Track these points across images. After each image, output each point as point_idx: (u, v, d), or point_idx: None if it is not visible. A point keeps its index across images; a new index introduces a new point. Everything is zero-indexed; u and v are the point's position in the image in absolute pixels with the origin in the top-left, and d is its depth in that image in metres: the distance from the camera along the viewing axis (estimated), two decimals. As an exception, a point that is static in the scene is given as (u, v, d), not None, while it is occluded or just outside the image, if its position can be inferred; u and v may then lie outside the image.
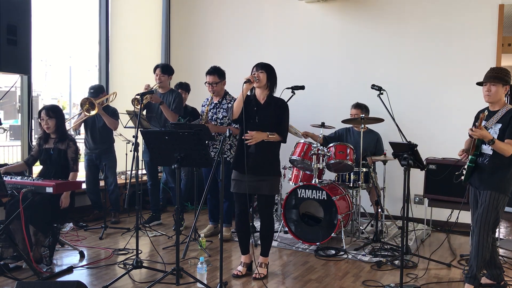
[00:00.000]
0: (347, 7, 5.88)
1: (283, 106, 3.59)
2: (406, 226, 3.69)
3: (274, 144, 3.56)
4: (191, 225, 4.59)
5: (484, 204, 3.20)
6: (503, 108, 3.24)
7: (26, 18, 3.72)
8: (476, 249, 3.21)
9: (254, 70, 3.56)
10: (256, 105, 3.55)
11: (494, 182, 3.19)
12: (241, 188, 3.54)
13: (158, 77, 4.96)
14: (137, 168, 3.88)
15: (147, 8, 6.75)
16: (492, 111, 3.29)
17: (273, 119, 3.51)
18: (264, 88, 3.57)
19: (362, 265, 3.99)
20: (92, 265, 3.85)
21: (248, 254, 3.70)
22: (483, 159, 3.26)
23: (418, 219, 5.26)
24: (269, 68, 3.58)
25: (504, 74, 3.22)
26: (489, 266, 3.41)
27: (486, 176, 3.23)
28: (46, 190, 3.45)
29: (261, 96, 3.59)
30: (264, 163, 3.51)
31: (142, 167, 5.28)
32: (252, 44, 6.42)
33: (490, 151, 3.21)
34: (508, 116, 3.17)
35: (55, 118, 3.94)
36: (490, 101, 3.28)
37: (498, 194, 3.18)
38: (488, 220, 3.17)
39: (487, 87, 3.24)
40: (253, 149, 3.49)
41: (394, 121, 3.94)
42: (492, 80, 3.21)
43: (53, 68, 13.18)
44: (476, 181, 3.30)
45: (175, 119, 4.88)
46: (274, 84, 3.62)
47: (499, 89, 3.21)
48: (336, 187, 4.67)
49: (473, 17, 5.21)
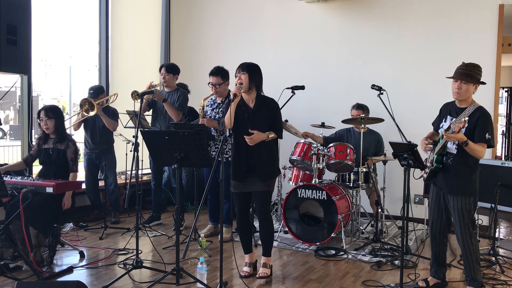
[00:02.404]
0: (347, 7, 5.88)
1: (274, 106, 3.53)
2: (406, 226, 3.69)
3: (272, 144, 3.53)
4: (191, 225, 4.59)
5: (457, 210, 3.18)
6: (470, 106, 3.18)
7: (26, 18, 3.73)
8: (465, 253, 3.23)
9: (236, 72, 3.47)
10: (247, 111, 3.47)
11: (462, 187, 3.17)
12: (240, 187, 3.53)
13: (163, 76, 4.96)
14: (137, 168, 3.88)
15: (147, 8, 6.75)
16: (460, 107, 3.25)
17: (266, 121, 3.46)
18: (250, 90, 3.47)
19: (362, 265, 3.99)
20: (92, 265, 3.86)
21: (251, 253, 3.69)
22: (447, 158, 3.23)
23: (418, 219, 5.26)
24: (251, 67, 3.46)
25: (476, 72, 3.16)
26: (438, 264, 3.46)
27: (451, 178, 3.20)
28: (46, 190, 3.45)
29: (249, 100, 3.51)
30: (263, 166, 3.47)
31: (142, 167, 5.28)
32: (252, 44, 6.42)
33: (454, 150, 3.18)
34: (475, 116, 3.12)
35: (54, 118, 3.94)
36: (458, 99, 3.23)
37: (468, 198, 3.17)
38: (467, 223, 3.18)
39: (458, 84, 3.17)
40: (251, 152, 3.45)
41: (394, 121, 3.94)
42: (464, 78, 3.14)
43: (53, 68, 13.16)
44: (442, 183, 3.27)
45: (179, 118, 4.86)
46: (259, 83, 3.52)
47: (470, 87, 3.15)
48: (336, 187, 4.67)
49: (473, 17, 5.21)
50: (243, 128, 3.43)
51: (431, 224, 3.45)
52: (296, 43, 6.16)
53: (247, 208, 3.62)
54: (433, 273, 3.50)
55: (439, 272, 3.47)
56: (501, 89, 9.29)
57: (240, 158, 3.49)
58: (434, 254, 3.46)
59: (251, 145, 3.39)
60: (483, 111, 3.16)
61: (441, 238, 3.42)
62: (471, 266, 3.24)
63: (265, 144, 3.45)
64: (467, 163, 3.16)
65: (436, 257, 3.45)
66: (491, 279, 3.64)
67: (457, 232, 3.24)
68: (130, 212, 5.64)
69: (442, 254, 3.45)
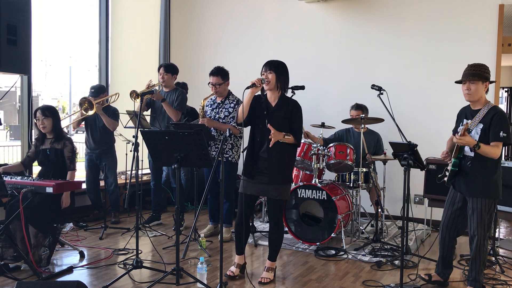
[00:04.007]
0: (347, 7, 5.88)
1: (296, 107, 3.43)
2: (406, 226, 3.69)
3: (286, 148, 3.40)
4: (191, 225, 4.59)
5: (476, 211, 3.15)
6: (484, 107, 3.15)
7: (26, 18, 3.72)
8: (477, 254, 3.21)
9: (263, 70, 3.41)
10: (267, 108, 3.41)
11: (483, 189, 3.15)
12: (248, 189, 3.45)
13: (162, 76, 4.96)
14: (137, 168, 3.88)
15: (147, 8, 6.75)
16: (474, 110, 3.21)
17: (285, 122, 3.37)
18: (274, 90, 3.40)
19: (362, 265, 3.99)
20: (92, 265, 3.85)
21: (242, 255, 3.63)
22: (465, 161, 3.21)
23: (418, 219, 5.26)
24: (279, 67, 3.39)
25: (483, 70, 3.13)
26: (444, 266, 3.47)
27: (471, 181, 3.18)
28: (46, 190, 3.45)
29: (272, 98, 3.44)
30: (275, 169, 3.39)
31: (142, 167, 5.28)
32: (252, 44, 6.42)
33: (471, 153, 3.15)
34: (489, 115, 3.10)
35: (51, 117, 3.94)
36: (470, 100, 3.20)
37: (489, 200, 3.15)
38: (484, 225, 3.16)
39: (466, 85, 3.14)
40: (265, 154, 3.39)
41: (394, 121, 3.94)
42: (471, 78, 3.11)
43: (53, 68, 13.19)
44: (462, 185, 3.25)
45: (178, 117, 4.86)
46: (285, 84, 3.44)
47: (479, 86, 3.12)
48: (336, 187, 4.67)
49: (473, 17, 5.21)
50: (260, 126, 3.37)
51: (442, 226, 3.43)
52: (296, 43, 6.16)
53: (249, 212, 3.53)
54: (438, 271, 3.50)
55: (444, 272, 3.48)
56: (501, 89, 9.30)
57: (253, 155, 3.41)
58: (442, 255, 3.46)
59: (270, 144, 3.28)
60: (497, 109, 3.13)
61: (450, 241, 3.41)
62: (478, 268, 3.22)
63: (280, 146, 3.35)
64: (486, 165, 3.13)
65: (443, 258, 3.45)
66: (491, 279, 3.63)
67: (472, 233, 3.21)
68: (130, 212, 5.64)
69: (449, 257, 3.45)
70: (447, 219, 3.40)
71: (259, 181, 3.42)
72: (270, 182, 3.40)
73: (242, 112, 3.30)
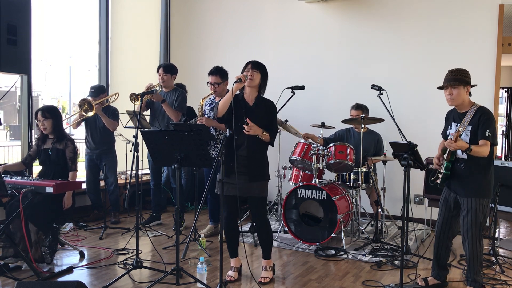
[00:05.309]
0: (347, 7, 5.88)
1: (273, 108, 3.49)
2: (406, 226, 3.69)
3: (264, 146, 3.47)
4: (191, 225, 4.59)
5: (471, 211, 3.18)
6: (471, 109, 3.20)
7: (26, 18, 3.72)
8: (472, 255, 3.22)
9: (248, 67, 3.41)
10: (245, 107, 3.42)
11: (477, 189, 3.18)
12: (230, 190, 3.40)
13: (161, 77, 4.96)
14: (137, 168, 3.88)
15: (147, 8, 6.75)
16: (461, 112, 3.26)
17: (263, 121, 3.39)
18: (255, 89, 3.45)
19: (362, 265, 3.99)
20: (92, 265, 3.85)
21: (237, 257, 3.63)
22: (459, 164, 3.24)
23: (418, 219, 5.26)
24: (263, 68, 3.45)
25: (463, 75, 3.19)
26: (439, 267, 3.47)
27: (465, 182, 3.21)
28: (46, 190, 3.45)
29: (250, 97, 3.45)
30: (255, 166, 3.41)
31: (142, 167, 5.28)
32: (252, 44, 6.42)
33: (464, 156, 3.19)
34: (476, 116, 3.15)
35: (51, 118, 3.94)
36: (453, 104, 3.26)
37: (482, 200, 3.19)
38: (478, 225, 3.19)
39: (448, 90, 3.20)
40: (244, 152, 3.39)
41: (394, 121, 3.94)
42: (453, 83, 3.17)
43: (53, 68, 13.18)
44: (457, 186, 3.27)
45: (178, 118, 4.86)
46: (264, 85, 3.49)
47: (461, 91, 3.17)
48: (336, 187, 4.67)
49: (473, 17, 5.21)
50: (239, 124, 3.35)
51: (437, 226, 3.44)
52: (296, 43, 6.16)
53: (235, 212, 3.51)
54: (434, 274, 3.50)
55: (440, 274, 3.48)
56: (501, 89, 9.30)
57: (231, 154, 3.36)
58: (436, 257, 3.46)
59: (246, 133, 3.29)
60: (483, 110, 3.18)
61: (445, 242, 3.42)
62: (475, 268, 3.23)
63: (258, 144, 3.40)
64: (479, 164, 3.17)
65: (438, 259, 3.45)
66: (491, 279, 3.64)
67: (466, 233, 3.22)
68: (130, 212, 5.65)
69: (444, 258, 3.45)
70: (442, 220, 3.42)
71: (239, 181, 3.36)
72: (251, 180, 3.39)
73: (224, 106, 3.29)
